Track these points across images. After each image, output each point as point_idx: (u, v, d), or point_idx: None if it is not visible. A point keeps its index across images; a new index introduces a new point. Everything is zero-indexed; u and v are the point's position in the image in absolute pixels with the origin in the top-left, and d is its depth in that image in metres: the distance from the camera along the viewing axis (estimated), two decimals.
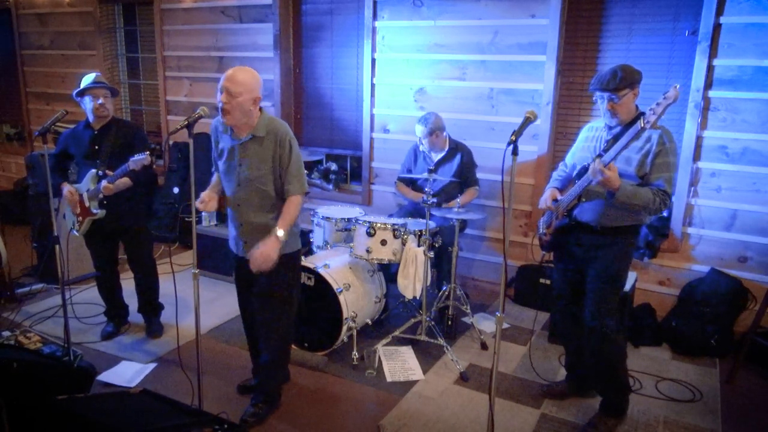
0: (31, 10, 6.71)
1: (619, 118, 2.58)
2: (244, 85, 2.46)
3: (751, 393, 3.27)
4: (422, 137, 4.01)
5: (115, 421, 2.17)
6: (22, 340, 3.41)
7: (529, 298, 4.33)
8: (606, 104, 2.57)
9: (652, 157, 2.53)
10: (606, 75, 2.54)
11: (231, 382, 3.17)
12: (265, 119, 2.61)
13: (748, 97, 3.62)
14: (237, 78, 2.46)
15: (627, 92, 2.52)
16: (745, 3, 3.54)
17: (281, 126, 2.62)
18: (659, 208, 2.53)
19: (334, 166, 5.35)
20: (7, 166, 7.45)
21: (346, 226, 3.82)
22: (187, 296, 2.96)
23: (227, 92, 2.45)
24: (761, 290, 3.60)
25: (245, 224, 2.69)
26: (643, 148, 2.55)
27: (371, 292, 3.65)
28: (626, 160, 2.57)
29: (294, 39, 5.29)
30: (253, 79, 2.50)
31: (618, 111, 2.56)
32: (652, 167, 2.54)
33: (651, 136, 2.53)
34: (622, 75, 2.50)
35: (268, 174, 2.60)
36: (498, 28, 4.28)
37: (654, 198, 2.50)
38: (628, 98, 2.54)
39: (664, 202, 2.53)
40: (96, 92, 3.34)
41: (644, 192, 2.50)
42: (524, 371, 3.40)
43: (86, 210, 3.42)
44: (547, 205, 2.83)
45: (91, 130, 3.42)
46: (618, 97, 2.52)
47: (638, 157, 2.55)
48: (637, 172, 2.56)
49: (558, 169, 3.00)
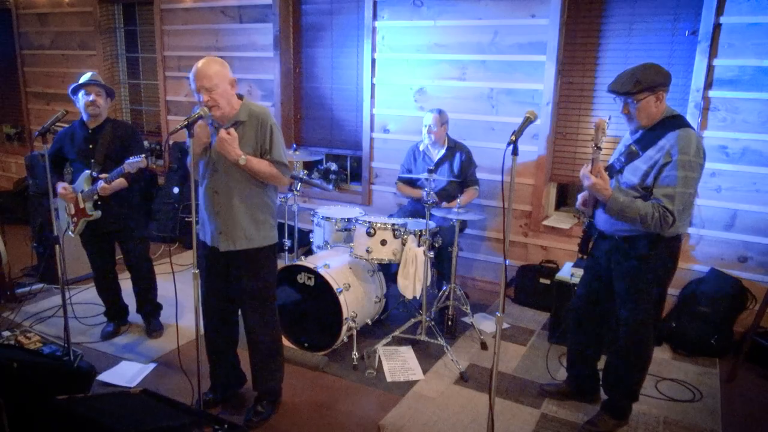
0: (31, 10, 6.71)
1: (638, 123, 2.45)
2: (217, 76, 2.47)
3: (751, 393, 3.27)
4: (432, 124, 4.00)
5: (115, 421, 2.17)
6: (22, 340, 3.41)
7: (529, 298, 4.33)
8: (621, 108, 2.46)
9: (657, 170, 2.37)
10: (623, 76, 2.42)
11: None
12: (247, 105, 2.63)
13: (748, 97, 3.62)
14: (207, 72, 2.46)
15: (646, 95, 2.37)
16: (745, 3, 3.54)
17: (262, 111, 2.64)
18: (657, 226, 2.36)
19: (334, 166, 5.35)
20: (7, 166, 7.45)
21: (346, 226, 3.82)
22: (187, 296, 2.96)
23: (205, 90, 2.46)
24: (761, 290, 3.60)
25: (222, 212, 2.63)
26: (653, 158, 2.39)
27: (371, 292, 3.65)
28: (633, 169, 2.45)
29: (294, 39, 5.29)
30: (220, 65, 2.51)
31: (635, 116, 2.43)
32: (656, 180, 2.37)
33: (665, 145, 2.36)
34: (640, 78, 2.36)
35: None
36: (498, 28, 4.28)
37: (653, 213, 2.34)
38: (647, 102, 2.39)
39: (665, 219, 2.34)
40: (89, 89, 3.34)
41: (640, 206, 2.36)
42: (524, 371, 3.40)
43: (81, 211, 3.41)
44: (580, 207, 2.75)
45: (86, 129, 3.42)
46: (635, 101, 2.39)
47: (645, 167, 2.41)
48: (640, 184, 2.42)
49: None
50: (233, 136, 2.49)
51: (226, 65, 2.55)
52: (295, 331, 3.57)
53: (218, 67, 2.51)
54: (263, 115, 2.62)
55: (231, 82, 2.55)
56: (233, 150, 2.49)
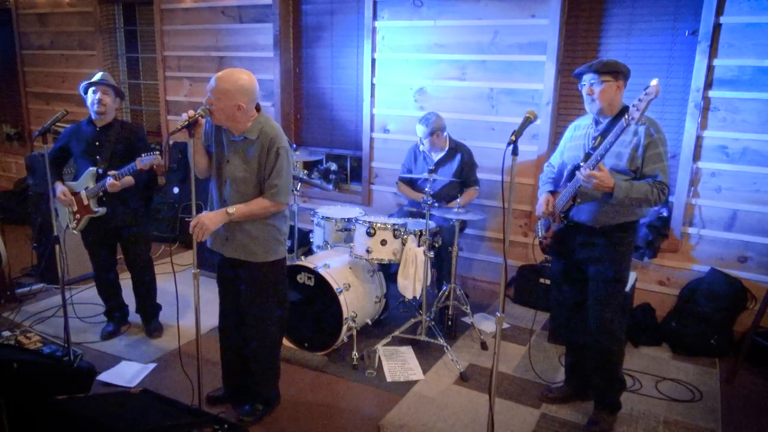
0: (31, 10, 6.71)
1: (600, 106, 2.57)
2: (225, 93, 2.44)
3: (751, 393, 3.27)
4: (423, 137, 4.01)
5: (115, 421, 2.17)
6: (22, 340, 3.42)
7: (529, 298, 4.33)
8: (586, 89, 2.58)
9: (642, 150, 2.52)
10: (593, 61, 2.59)
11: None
12: (260, 123, 2.57)
13: (748, 97, 3.62)
14: (219, 86, 2.45)
15: (609, 80, 2.53)
16: (745, 3, 3.54)
17: (273, 132, 2.57)
18: (658, 200, 2.52)
19: (334, 166, 5.35)
20: (7, 166, 7.45)
21: (346, 226, 3.82)
22: (187, 296, 2.96)
23: (211, 93, 2.48)
24: (761, 290, 3.60)
25: (230, 223, 2.62)
26: (632, 142, 2.54)
27: (371, 292, 3.65)
28: (617, 155, 2.56)
29: (294, 39, 5.29)
30: (234, 87, 2.45)
31: (599, 98, 2.55)
32: (645, 160, 2.53)
33: (638, 129, 2.53)
34: (609, 62, 2.53)
35: (251, 177, 2.58)
36: (498, 28, 4.28)
37: (652, 189, 2.49)
38: (609, 86, 2.54)
39: (663, 192, 2.51)
40: (98, 87, 3.37)
41: (641, 185, 2.50)
42: (524, 371, 3.40)
43: (86, 208, 3.42)
44: (543, 211, 2.81)
45: (94, 127, 3.44)
46: (600, 82, 2.53)
47: (628, 151, 2.55)
48: (629, 167, 2.55)
49: (545, 171, 2.98)
50: (201, 225, 2.50)
51: (243, 89, 2.47)
52: (295, 331, 3.57)
53: (231, 87, 2.45)
54: (275, 137, 2.55)
55: (237, 106, 2.46)
56: (207, 230, 2.52)
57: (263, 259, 2.68)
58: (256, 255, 2.67)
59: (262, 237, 2.66)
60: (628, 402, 3.00)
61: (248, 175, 2.58)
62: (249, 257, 2.67)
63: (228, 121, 2.52)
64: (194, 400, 2.68)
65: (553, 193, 2.83)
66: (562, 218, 2.77)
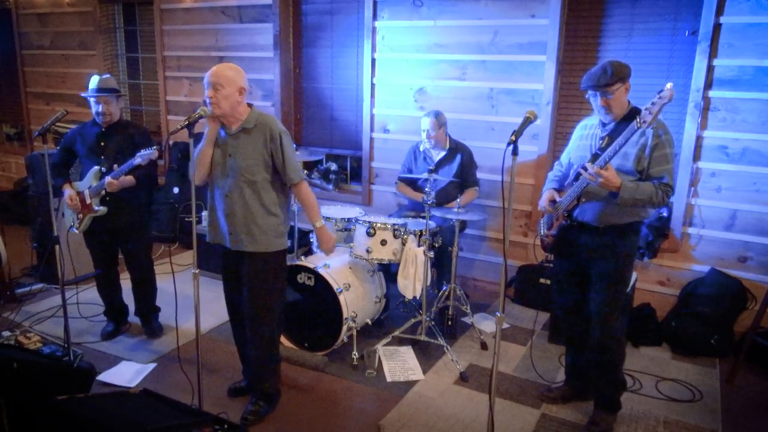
0: (31, 10, 6.71)
1: (614, 113, 2.59)
2: (228, 78, 2.58)
3: (751, 393, 3.27)
4: (429, 129, 4.00)
5: (115, 421, 2.17)
6: (22, 340, 3.41)
7: (529, 298, 4.33)
8: (599, 101, 2.58)
9: (649, 151, 2.52)
10: (596, 72, 2.56)
11: (231, 382, 3.16)
12: (255, 113, 2.72)
13: (748, 97, 3.62)
14: (221, 73, 2.59)
15: (619, 86, 2.54)
16: (745, 3, 3.54)
17: (271, 120, 2.72)
18: (662, 202, 2.54)
19: (334, 166, 5.34)
20: (7, 166, 7.45)
21: (346, 226, 3.82)
22: (187, 296, 2.96)
23: (213, 87, 2.58)
24: (761, 290, 3.60)
25: (233, 215, 2.72)
26: (639, 142, 2.54)
27: (371, 292, 3.65)
28: (623, 155, 2.56)
29: (294, 39, 5.29)
30: (234, 72, 2.62)
31: (612, 106, 2.57)
32: (651, 161, 2.53)
33: (646, 130, 2.53)
34: (612, 70, 2.52)
35: (257, 165, 2.67)
36: (498, 28, 4.28)
37: (656, 191, 2.50)
38: (620, 93, 2.56)
39: (667, 194, 2.53)
40: (99, 99, 3.37)
41: (646, 186, 2.51)
42: (524, 371, 3.40)
43: (88, 207, 3.43)
44: (546, 207, 2.83)
45: (99, 127, 3.46)
46: (611, 93, 2.54)
47: (635, 151, 2.55)
48: (635, 167, 2.55)
49: (554, 169, 2.99)
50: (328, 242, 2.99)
51: (241, 74, 2.65)
52: (295, 331, 3.57)
53: (231, 73, 2.61)
54: (271, 123, 2.70)
55: (240, 90, 2.63)
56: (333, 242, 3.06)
57: (265, 249, 2.74)
58: (259, 245, 2.73)
59: (266, 227, 2.73)
60: (628, 402, 3.00)
61: (253, 162, 2.67)
62: (252, 247, 2.72)
63: (231, 108, 2.63)
64: (194, 400, 2.68)
65: (558, 191, 2.84)
66: (566, 217, 2.77)
